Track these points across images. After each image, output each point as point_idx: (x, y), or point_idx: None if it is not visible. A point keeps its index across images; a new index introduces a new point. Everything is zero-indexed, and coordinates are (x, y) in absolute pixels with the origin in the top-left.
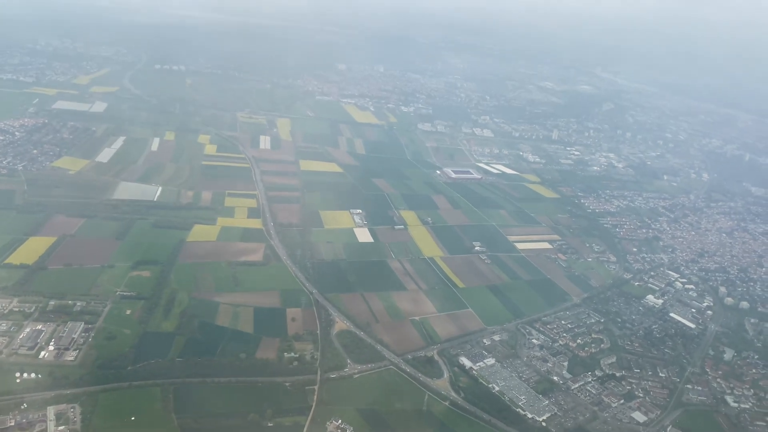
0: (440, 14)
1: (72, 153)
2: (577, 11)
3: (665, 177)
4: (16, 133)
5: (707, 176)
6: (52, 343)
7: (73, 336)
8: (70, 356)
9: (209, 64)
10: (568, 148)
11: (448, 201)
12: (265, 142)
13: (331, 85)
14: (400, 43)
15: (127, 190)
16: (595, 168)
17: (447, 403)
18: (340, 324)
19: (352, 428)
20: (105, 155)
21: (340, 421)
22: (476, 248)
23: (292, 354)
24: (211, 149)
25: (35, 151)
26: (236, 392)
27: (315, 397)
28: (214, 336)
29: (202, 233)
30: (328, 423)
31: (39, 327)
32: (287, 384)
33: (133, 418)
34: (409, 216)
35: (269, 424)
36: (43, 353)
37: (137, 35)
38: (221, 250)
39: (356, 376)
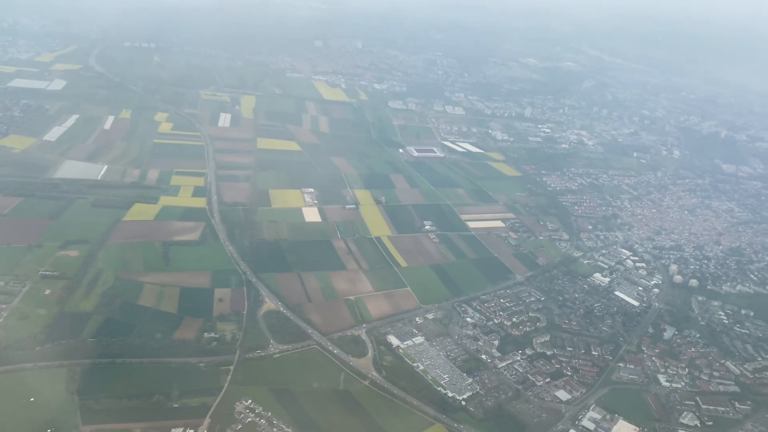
0: None
1: (20, 131)
2: None
3: (635, 154)
4: None
5: (679, 153)
6: None
7: None
8: None
9: (181, 41)
10: (540, 126)
11: (406, 180)
12: (224, 119)
13: (305, 62)
14: (385, 20)
15: (71, 169)
16: (564, 145)
17: (366, 382)
18: (270, 304)
19: (261, 408)
20: (54, 134)
21: (249, 401)
22: (426, 227)
23: (212, 334)
24: (166, 127)
25: None
26: (146, 373)
27: (229, 377)
28: (134, 316)
29: (140, 212)
30: (237, 403)
31: None
32: (202, 364)
33: (32, 399)
34: (363, 195)
35: (174, 405)
36: None
37: (110, 12)
38: (157, 230)
39: (276, 356)
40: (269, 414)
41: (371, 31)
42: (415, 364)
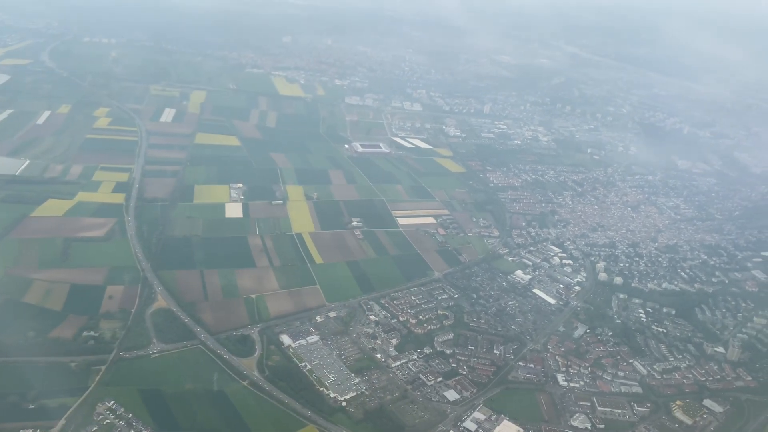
0: None
1: None
2: None
3: (588, 150)
4: None
5: (635, 149)
6: None
7: None
8: None
9: (144, 37)
10: (496, 122)
11: (344, 176)
12: (168, 114)
13: (268, 57)
14: (364, 17)
15: None
16: (517, 141)
17: (245, 383)
18: (161, 302)
19: (123, 409)
20: None
21: (112, 402)
22: (353, 224)
23: (92, 333)
24: (103, 122)
25: None
26: (6, 373)
27: (97, 377)
28: (13, 314)
29: (51, 208)
30: (99, 404)
31: None
32: (73, 364)
33: None
34: (295, 191)
35: (30, 406)
36: None
37: (75, 7)
38: (64, 226)
39: (154, 355)
40: (130, 415)
41: (345, 27)
42: (303, 364)
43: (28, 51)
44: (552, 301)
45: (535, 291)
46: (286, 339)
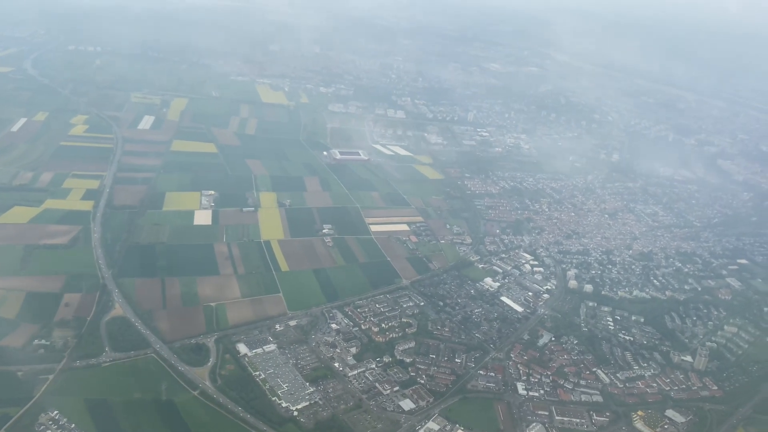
0: None
1: None
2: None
3: (570, 158)
4: None
5: (618, 157)
6: None
7: None
8: None
9: (131, 45)
10: (479, 130)
11: (320, 183)
12: (146, 122)
13: (254, 65)
14: (355, 24)
15: None
16: (498, 149)
17: (196, 392)
18: (118, 310)
19: (66, 419)
20: None
21: (56, 412)
22: (324, 231)
23: (43, 341)
24: (79, 130)
25: None
26: None
27: (44, 387)
28: None
29: (16, 215)
30: (42, 414)
31: None
32: (20, 373)
33: None
34: (268, 198)
35: None
36: None
37: (62, 15)
38: (27, 233)
39: (106, 364)
40: (73, 426)
41: (334, 35)
42: (257, 373)
43: (11, 59)
44: (519, 308)
45: (503, 299)
46: (242, 348)
